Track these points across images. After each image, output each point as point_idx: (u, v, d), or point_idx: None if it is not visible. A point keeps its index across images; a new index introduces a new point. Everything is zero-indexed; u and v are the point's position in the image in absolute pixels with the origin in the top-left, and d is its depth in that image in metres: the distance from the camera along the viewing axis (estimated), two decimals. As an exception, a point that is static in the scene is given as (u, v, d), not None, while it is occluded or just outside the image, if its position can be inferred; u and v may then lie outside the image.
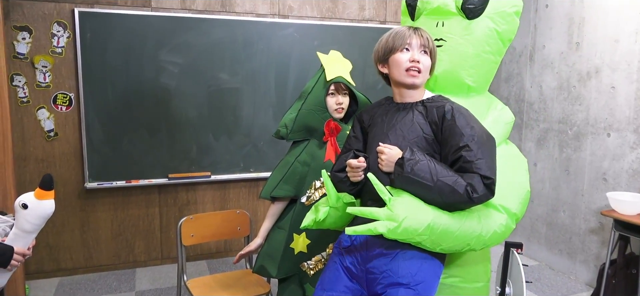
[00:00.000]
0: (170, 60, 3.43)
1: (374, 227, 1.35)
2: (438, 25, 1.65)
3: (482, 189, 1.36)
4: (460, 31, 1.62)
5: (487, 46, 1.63)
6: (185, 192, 3.68)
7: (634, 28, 3.08)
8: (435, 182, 1.36)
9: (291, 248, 1.98)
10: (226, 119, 3.63)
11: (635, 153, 3.10)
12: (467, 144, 1.39)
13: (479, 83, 1.68)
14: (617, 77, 3.20)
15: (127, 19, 3.31)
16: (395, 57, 1.53)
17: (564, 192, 3.63)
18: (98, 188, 3.41)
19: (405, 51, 1.52)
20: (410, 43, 1.52)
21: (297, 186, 1.98)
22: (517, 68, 4.02)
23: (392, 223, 1.34)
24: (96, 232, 3.50)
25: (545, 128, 3.79)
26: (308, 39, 3.73)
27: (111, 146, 3.39)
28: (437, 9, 1.66)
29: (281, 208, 2.06)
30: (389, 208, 1.37)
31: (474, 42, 1.61)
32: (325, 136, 1.95)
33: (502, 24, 1.64)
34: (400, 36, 1.52)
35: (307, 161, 1.97)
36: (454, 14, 1.63)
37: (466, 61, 1.63)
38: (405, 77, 1.52)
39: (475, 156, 1.38)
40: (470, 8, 1.59)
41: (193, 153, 3.58)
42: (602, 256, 3.30)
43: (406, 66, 1.51)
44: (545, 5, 3.72)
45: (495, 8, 1.62)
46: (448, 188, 1.35)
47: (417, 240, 1.37)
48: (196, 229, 2.49)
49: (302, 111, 1.96)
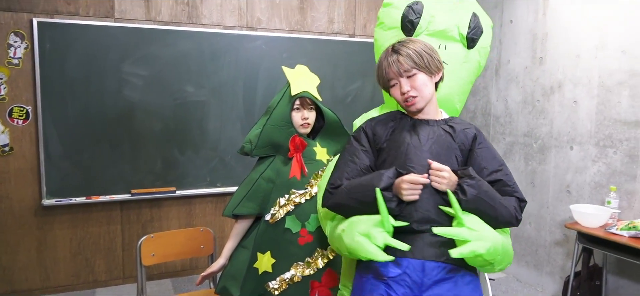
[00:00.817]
0: (134, 72, 3.34)
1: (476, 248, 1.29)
2: (440, 47, 1.65)
3: (520, 212, 1.42)
4: (461, 58, 1.68)
5: (473, 77, 1.74)
6: (149, 208, 3.56)
7: (594, 44, 3.16)
8: (498, 203, 1.38)
9: (255, 267, 1.92)
10: (192, 132, 3.55)
11: (596, 166, 3.17)
12: (501, 168, 1.45)
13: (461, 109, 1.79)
14: (579, 91, 3.27)
15: (88, 30, 3.21)
16: (391, 92, 1.52)
17: (530, 204, 3.68)
18: (56, 205, 3.27)
19: (394, 86, 1.50)
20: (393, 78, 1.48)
21: (261, 204, 1.92)
22: (484, 82, 4.08)
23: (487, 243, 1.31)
24: (54, 251, 3.35)
25: (511, 141, 3.84)
26: (277, 51, 3.69)
27: (71, 161, 3.26)
28: (442, 33, 1.66)
29: (246, 226, 1.99)
30: (470, 228, 1.32)
31: (469, 70, 1.70)
32: (291, 152, 1.91)
33: (483, 59, 1.74)
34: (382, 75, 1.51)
35: (272, 177, 1.92)
36: (456, 40, 1.67)
37: (461, 86, 1.70)
38: (405, 107, 1.52)
39: (511, 180, 1.45)
40: (473, 38, 1.66)
41: (157, 167, 3.48)
42: (567, 267, 3.35)
43: (401, 100, 1.49)
44: (509, 21, 3.80)
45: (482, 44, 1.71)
46: (505, 211, 1.39)
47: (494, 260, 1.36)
48: (157, 248, 2.40)
49: (267, 127, 1.92)
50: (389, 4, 1.73)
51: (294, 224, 1.88)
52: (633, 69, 2.94)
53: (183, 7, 3.48)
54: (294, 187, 1.89)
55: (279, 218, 1.88)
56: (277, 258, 1.91)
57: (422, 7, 1.66)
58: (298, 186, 1.89)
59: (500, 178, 1.43)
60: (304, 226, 1.90)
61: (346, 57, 3.92)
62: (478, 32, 1.66)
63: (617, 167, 3.05)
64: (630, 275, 3.03)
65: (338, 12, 3.97)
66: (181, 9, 3.47)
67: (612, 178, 3.08)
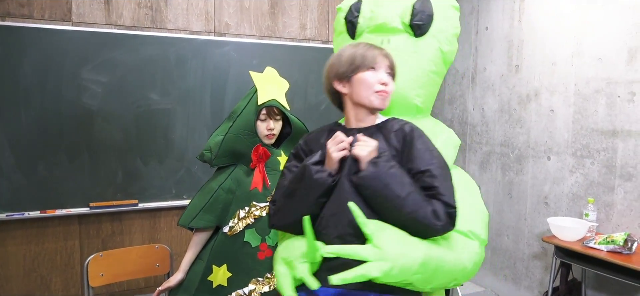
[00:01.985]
0: (93, 79, 3.16)
1: (366, 272, 1.09)
2: (383, 42, 1.51)
3: (444, 217, 1.19)
4: (408, 49, 1.51)
5: (433, 66, 1.54)
6: (110, 222, 3.37)
7: (570, 51, 3.08)
8: (407, 194, 1.17)
9: (209, 280, 1.80)
10: (156, 142, 3.37)
11: (574, 177, 3.08)
12: (428, 169, 1.24)
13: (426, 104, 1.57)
14: (556, 100, 3.19)
15: (44, 34, 3.03)
16: (362, 76, 1.33)
17: (507, 216, 3.58)
18: (8, 220, 3.06)
19: (372, 70, 1.34)
20: (379, 64, 1.35)
21: (220, 216, 1.81)
22: (460, 90, 3.98)
23: (385, 264, 1.10)
24: (5, 268, 3.13)
25: (488, 151, 3.74)
26: (246, 57, 3.55)
27: (24, 172, 3.06)
28: (382, 26, 1.53)
29: (205, 237, 1.88)
30: (375, 245, 1.14)
31: (422, 60, 1.51)
32: (253, 163, 1.80)
33: (446, 44, 1.55)
34: (370, 54, 1.35)
35: (232, 188, 1.81)
36: (400, 30, 1.51)
37: (415, 80, 1.51)
38: (374, 98, 1.33)
39: (438, 181, 1.22)
40: (418, 24, 1.48)
41: (118, 179, 3.29)
42: (546, 282, 3.24)
43: (376, 88, 1.32)
44: (485, 28, 3.71)
45: (440, 28, 1.53)
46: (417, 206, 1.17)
47: (409, 281, 1.14)
48: (106, 268, 2.22)
49: (229, 135, 1.81)
50: (339, 9, 1.65)
51: (253, 238, 1.78)
52: (609, 77, 2.86)
53: (146, 11, 3.32)
54: (255, 199, 1.79)
55: (238, 231, 1.78)
56: (234, 272, 1.80)
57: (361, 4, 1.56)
58: (259, 198, 1.79)
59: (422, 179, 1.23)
60: (264, 241, 1.81)
61: (319, 64, 3.78)
62: (424, 17, 1.48)
63: (594, 178, 2.96)
64: (609, 290, 2.93)
65: (310, 18, 3.84)
66: (144, 13, 3.31)
67: (590, 189, 2.99)
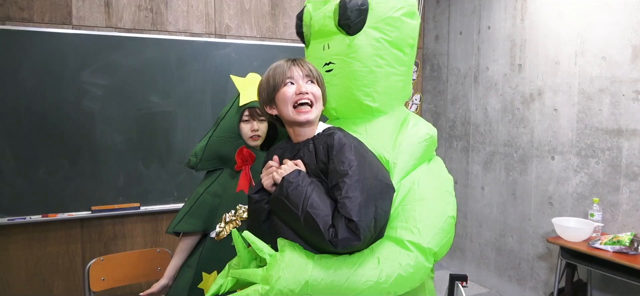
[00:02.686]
0: (93, 82, 3.15)
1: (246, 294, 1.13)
2: (324, 48, 1.47)
3: (345, 232, 1.12)
4: (345, 50, 1.43)
5: (379, 59, 1.43)
6: (112, 225, 3.36)
7: (573, 50, 3.05)
8: (302, 211, 1.15)
9: (199, 288, 1.77)
10: (158, 144, 3.36)
11: (579, 177, 3.05)
12: (337, 183, 1.18)
13: (383, 102, 1.47)
14: (559, 99, 3.16)
15: (44, 38, 3.02)
16: (280, 94, 1.32)
17: (512, 216, 3.55)
18: (9, 224, 3.05)
19: (289, 85, 1.32)
20: (293, 76, 1.32)
21: (206, 220, 1.79)
22: (463, 90, 3.96)
23: (264, 287, 1.13)
24: (7, 273, 3.12)
25: (491, 151, 3.71)
26: (247, 59, 3.53)
27: (25, 176, 3.05)
28: (320, 31, 1.49)
29: (191, 243, 1.86)
30: (268, 267, 1.16)
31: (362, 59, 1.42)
32: (238, 165, 1.77)
33: (391, 31, 1.44)
34: (280, 70, 1.32)
35: (218, 192, 1.79)
36: (335, 33, 1.45)
37: (359, 80, 1.43)
38: (295, 114, 1.30)
39: (345, 193, 1.15)
40: (346, 23, 1.40)
41: (120, 182, 3.28)
42: (551, 283, 3.21)
43: (294, 100, 1.30)
44: (487, 27, 3.69)
45: (378, 16, 1.43)
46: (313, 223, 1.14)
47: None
48: (108, 272, 2.22)
49: (213, 139, 1.79)
50: None
51: None
52: (614, 76, 2.83)
53: (146, 13, 3.31)
54: (242, 201, 1.76)
55: (226, 236, 1.75)
56: None
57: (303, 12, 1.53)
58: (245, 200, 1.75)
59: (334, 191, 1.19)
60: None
61: (321, 65, 3.77)
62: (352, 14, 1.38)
63: (599, 178, 2.93)
64: (615, 290, 2.90)
65: (312, 19, 3.82)
66: (144, 16, 3.30)
67: (594, 189, 2.96)
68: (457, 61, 4.00)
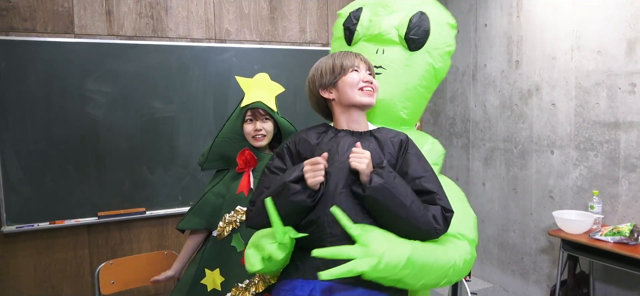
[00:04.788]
0: (97, 89, 3.20)
1: (354, 267, 1.15)
2: (378, 52, 1.58)
3: (442, 221, 1.28)
4: (401, 61, 1.56)
5: (424, 81, 1.59)
6: (118, 231, 3.40)
7: (569, 45, 3.09)
8: (411, 202, 1.23)
9: (202, 284, 1.82)
10: (162, 150, 3.40)
11: (578, 170, 3.08)
12: (424, 176, 1.32)
13: (411, 117, 1.63)
14: (557, 94, 3.20)
15: (47, 47, 3.06)
16: (346, 78, 1.41)
17: (513, 211, 3.59)
18: (17, 232, 3.09)
19: (355, 72, 1.42)
20: (359, 66, 1.43)
21: (209, 219, 1.83)
22: (461, 87, 4.00)
23: (373, 259, 1.16)
24: (17, 280, 3.16)
25: (491, 147, 3.75)
26: (247, 63, 3.58)
27: (32, 184, 3.10)
28: (378, 36, 1.59)
29: (197, 240, 1.92)
30: (362, 243, 1.19)
31: (414, 74, 1.57)
32: (239, 167, 1.81)
33: (438, 61, 1.59)
34: (349, 58, 1.43)
35: (222, 192, 1.83)
36: (395, 42, 1.57)
37: (404, 92, 1.57)
38: (360, 96, 1.40)
39: (435, 187, 1.32)
40: (413, 39, 1.54)
41: (125, 188, 3.32)
42: (554, 276, 3.25)
43: (360, 85, 1.40)
44: (484, 25, 3.73)
45: (434, 44, 1.58)
46: (420, 213, 1.24)
47: (397, 277, 1.20)
48: (117, 275, 2.25)
49: (217, 139, 1.84)
50: (340, 14, 1.71)
51: (238, 243, 1.78)
52: (610, 69, 2.87)
53: (147, 20, 3.35)
54: (241, 203, 1.79)
55: (226, 235, 1.79)
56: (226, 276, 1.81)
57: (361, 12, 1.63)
58: (244, 203, 1.79)
59: (421, 184, 1.30)
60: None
61: (320, 67, 3.81)
62: (420, 32, 1.54)
63: (598, 170, 2.96)
64: (617, 281, 2.93)
65: (310, 21, 3.87)
66: (145, 23, 3.35)
67: (594, 182, 2.99)
68: (455, 59, 4.04)
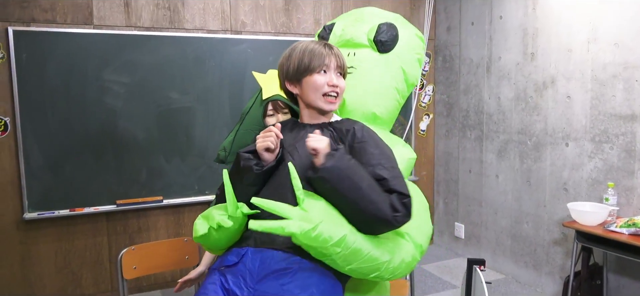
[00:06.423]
0: (115, 79, 3.25)
1: (286, 225, 1.13)
2: (349, 54, 1.67)
3: (402, 208, 1.22)
4: (371, 60, 1.66)
5: (394, 82, 1.67)
6: (136, 218, 3.46)
7: (585, 37, 3.08)
8: (367, 186, 1.20)
9: None
10: (178, 139, 3.46)
11: (593, 162, 3.09)
12: (380, 162, 1.29)
13: (384, 116, 1.68)
14: (572, 86, 3.19)
15: (67, 38, 3.12)
16: (311, 79, 1.39)
17: (527, 203, 3.60)
18: (39, 219, 3.17)
19: (322, 73, 1.40)
20: (329, 65, 1.41)
21: None
22: (475, 80, 4.00)
23: (307, 225, 1.13)
24: (38, 266, 3.25)
25: (505, 139, 3.76)
26: (262, 54, 3.61)
27: (53, 172, 3.17)
28: (349, 41, 1.70)
29: None
30: (303, 208, 1.18)
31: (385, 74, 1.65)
32: None
33: (408, 65, 1.68)
34: (318, 56, 1.39)
35: None
36: (365, 45, 1.67)
37: (375, 89, 1.64)
38: (322, 103, 1.40)
39: (390, 173, 1.26)
40: (382, 40, 1.63)
41: (143, 176, 3.38)
42: (567, 267, 3.26)
43: (324, 91, 1.39)
44: (499, 17, 3.72)
45: (403, 50, 1.68)
46: (377, 197, 1.20)
47: (327, 252, 1.17)
48: (139, 261, 2.30)
49: (240, 132, 1.85)
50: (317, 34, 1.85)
51: None
52: (627, 62, 2.86)
53: (164, 12, 3.39)
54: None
55: None
56: None
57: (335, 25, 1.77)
58: None
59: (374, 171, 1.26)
60: None
61: (335, 59, 3.84)
62: (388, 35, 1.63)
63: (614, 162, 2.97)
64: (631, 273, 2.94)
65: (324, 13, 3.88)
66: (162, 14, 3.39)
67: (609, 174, 3.00)
68: (469, 51, 4.04)
